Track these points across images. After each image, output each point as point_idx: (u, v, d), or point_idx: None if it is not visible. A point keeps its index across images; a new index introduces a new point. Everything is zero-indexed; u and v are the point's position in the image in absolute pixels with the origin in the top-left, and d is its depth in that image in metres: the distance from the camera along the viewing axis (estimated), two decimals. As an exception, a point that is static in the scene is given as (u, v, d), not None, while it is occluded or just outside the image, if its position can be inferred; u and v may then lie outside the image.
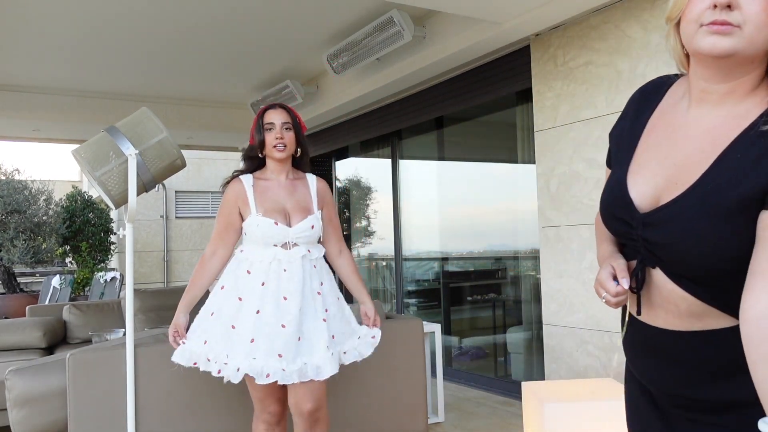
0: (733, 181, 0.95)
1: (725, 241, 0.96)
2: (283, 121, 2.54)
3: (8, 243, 7.13)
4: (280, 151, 2.52)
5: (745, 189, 0.94)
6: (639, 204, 1.07)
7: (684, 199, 1.00)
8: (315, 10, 4.42)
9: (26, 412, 2.74)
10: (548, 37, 4.04)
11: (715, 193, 0.96)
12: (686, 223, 0.99)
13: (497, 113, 5.21)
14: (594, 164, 3.75)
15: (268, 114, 2.57)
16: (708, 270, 1.00)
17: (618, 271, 1.11)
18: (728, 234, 0.95)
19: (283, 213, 2.51)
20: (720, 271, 0.99)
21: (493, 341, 5.46)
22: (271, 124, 2.54)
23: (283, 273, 2.44)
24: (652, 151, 1.09)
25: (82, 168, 2.84)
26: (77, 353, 2.82)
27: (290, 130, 2.55)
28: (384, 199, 6.50)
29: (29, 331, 4.56)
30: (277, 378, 2.37)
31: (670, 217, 1.01)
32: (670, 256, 1.03)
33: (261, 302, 2.42)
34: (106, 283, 7.32)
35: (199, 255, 10.88)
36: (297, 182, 2.61)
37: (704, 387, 1.07)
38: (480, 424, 4.08)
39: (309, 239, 2.52)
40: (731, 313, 1.02)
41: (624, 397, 1.29)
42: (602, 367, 3.70)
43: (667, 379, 1.12)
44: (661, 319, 1.09)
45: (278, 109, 2.59)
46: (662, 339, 1.10)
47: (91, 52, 5.13)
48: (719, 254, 0.97)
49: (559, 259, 3.98)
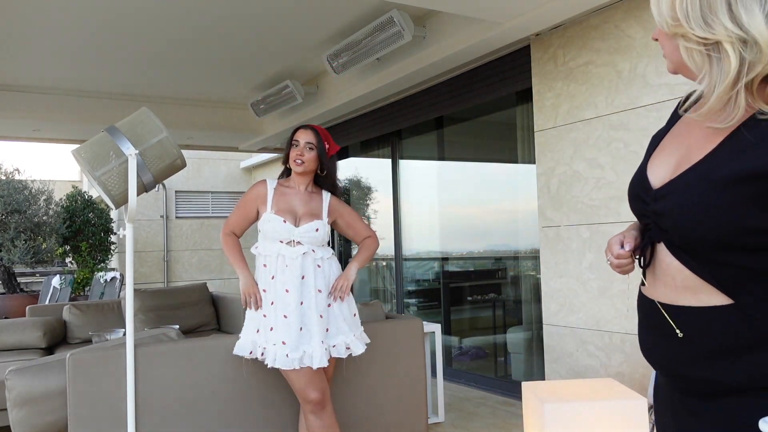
0: (727, 159, 1.06)
1: (714, 211, 1.06)
2: (307, 141, 2.85)
3: (8, 243, 7.13)
4: (298, 165, 2.84)
5: (735, 166, 1.04)
6: (653, 183, 1.21)
7: (687, 174, 1.12)
8: (315, 10, 4.42)
9: (26, 412, 2.74)
10: (548, 37, 4.04)
11: (712, 169, 1.08)
12: (684, 193, 1.11)
13: (497, 113, 5.21)
14: (594, 164, 3.75)
15: (299, 132, 2.90)
16: (700, 240, 1.09)
17: (626, 238, 1.28)
18: (715, 204, 1.06)
19: (293, 215, 2.82)
20: (711, 244, 1.08)
21: (493, 341, 5.46)
22: (296, 141, 2.86)
23: (285, 268, 2.75)
24: (672, 141, 1.24)
25: (82, 168, 2.84)
26: (77, 353, 2.82)
27: (312, 150, 2.86)
28: (384, 199, 6.50)
29: (29, 331, 4.57)
30: (279, 364, 2.67)
31: (674, 189, 1.13)
32: (670, 226, 1.14)
33: (274, 294, 2.74)
34: (106, 283, 7.32)
35: (199, 255, 10.88)
36: (314, 195, 2.94)
37: (699, 365, 1.12)
38: (480, 424, 4.08)
39: (312, 240, 2.81)
40: (725, 291, 1.09)
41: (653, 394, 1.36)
42: (602, 367, 3.70)
43: (665, 356, 1.19)
44: (660, 293, 1.20)
45: (307, 130, 2.90)
46: (659, 312, 1.19)
47: (91, 52, 5.13)
48: (708, 224, 1.07)
49: (559, 259, 3.98)
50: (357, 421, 3.41)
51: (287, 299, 2.72)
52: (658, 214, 1.16)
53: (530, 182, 4.42)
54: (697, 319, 1.12)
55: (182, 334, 3.33)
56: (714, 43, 1.04)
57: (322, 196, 2.95)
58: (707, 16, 1.03)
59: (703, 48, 1.06)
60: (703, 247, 1.10)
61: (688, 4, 1.05)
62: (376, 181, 6.91)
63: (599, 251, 3.72)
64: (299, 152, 2.83)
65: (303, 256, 2.76)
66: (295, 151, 2.84)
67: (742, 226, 1.04)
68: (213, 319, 5.35)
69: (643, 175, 1.24)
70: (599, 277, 3.72)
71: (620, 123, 3.59)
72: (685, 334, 1.14)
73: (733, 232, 1.05)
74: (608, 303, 3.66)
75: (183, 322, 4.94)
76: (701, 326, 1.11)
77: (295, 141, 2.86)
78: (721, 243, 1.07)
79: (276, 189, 2.88)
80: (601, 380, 2.87)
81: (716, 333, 1.09)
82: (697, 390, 1.14)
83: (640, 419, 2.52)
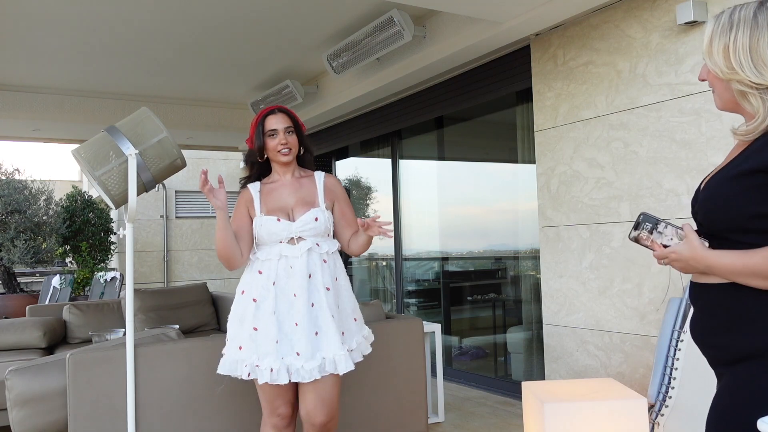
0: (741, 162, 1.35)
1: (726, 199, 1.34)
2: (285, 126, 2.57)
3: (8, 243, 7.13)
4: (285, 155, 2.56)
5: (748, 165, 1.32)
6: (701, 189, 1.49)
7: (717, 174, 1.41)
8: (315, 11, 4.42)
9: (26, 412, 2.74)
10: (548, 37, 4.04)
11: (729, 170, 1.37)
12: (712, 187, 1.40)
13: (497, 113, 5.21)
14: (594, 164, 3.75)
15: (270, 120, 2.59)
16: (717, 224, 1.37)
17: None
18: (727, 194, 1.34)
19: (285, 210, 2.53)
20: (725, 226, 1.35)
21: (493, 341, 5.46)
22: (273, 131, 2.56)
23: (290, 270, 2.46)
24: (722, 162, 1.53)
25: (82, 168, 2.84)
26: (77, 353, 2.82)
27: (292, 134, 2.58)
28: (384, 199, 6.50)
29: (29, 330, 4.56)
30: (300, 378, 2.38)
31: (707, 187, 1.43)
32: (701, 218, 1.42)
33: (275, 302, 2.44)
34: (106, 282, 7.32)
35: (199, 254, 10.88)
36: (303, 180, 2.62)
37: (720, 335, 1.38)
38: (480, 424, 4.08)
39: (315, 231, 2.51)
40: None
41: None
42: (602, 367, 3.70)
43: (698, 327, 1.46)
44: (697, 275, 1.45)
45: (278, 115, 2.60)
46: (698, 291, 1.45)
47: (91, 52, 5.13)
48: (723, 209, 1.35)
49: (559, 259, 3.98)
50: (357, 421, 3.41)
51: (297, 304, 2.43)
52: (696, 212, 1.45)
53: (530, 182, 4.42)
54: (718, 293, 1.38)
55: (182, 334, 3.32)
56: (766, 87, 1.32)
57: (314, 178, 2.64)
58: (759, 66, 1.31)
59: (756, 91, 1.33)
60: (720, 230, 1.37)
61: (741, 56, 1.33)
62: (376, 181, 6.90)
63: (599, 251, 3.72)
64: (282, 141, 2.55)
65: (308, 253, 2.47)
66: (275, 140, 2.55)
67: (748, 212, 1.31)
68: (213, 319, 5.35)
69: (698, 188, 1.51)
70: (599, 277, 3.72)
71: (620, 123, 3.59)
72: (709, 305, 1.41)
73: (741, 216, 1.32)
74: (608, 303, 3.66)
75: (183, 322, 4.94)
76: (721, 298, 1.37)
77: (271, 131, 2.56)
78: (732, 226, 1.33)
79: (261, 190, 2.59)
80: (600, 380, 2.87)
81: (734, 304, 1.35)
82: (723, 358, 1.39)
83: (640, 419, 2.52)
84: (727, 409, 1.36)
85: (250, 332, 2.45)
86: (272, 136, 2.56)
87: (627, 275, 3.55)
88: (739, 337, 1.34)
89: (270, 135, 2.57)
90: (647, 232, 1.42)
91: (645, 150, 3.46)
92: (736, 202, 1.32)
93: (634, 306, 3.51)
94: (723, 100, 1.41)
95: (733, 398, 1.35)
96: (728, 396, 1.37)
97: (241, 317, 2.51)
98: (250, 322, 2.46)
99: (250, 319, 2.46)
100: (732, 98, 1.38)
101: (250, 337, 2.45)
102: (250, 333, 2.45)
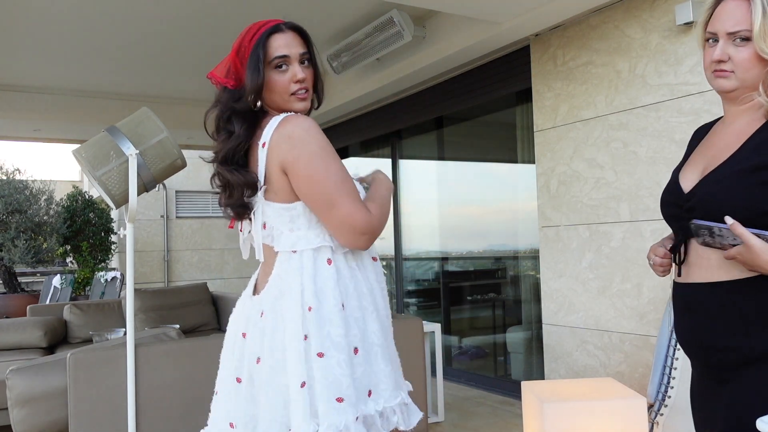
0: (747, 156, 1.36)
1: (735, 193, 1.33)
2: (301, 51, 1.63)
3: (9, 243, 7.13)
4: (302, 98, 1.64)
5: (753, 160, 1.33)
6: (685, 189, 1.46)
7: (716, 171, 1.39)
8: (315, 10, 4.42)
9: (27, 412, 2.74)
10: (548, 37, 4.05)
11: (734, 164, 1.37)
12: (714, 185, 1.38)
13: (497, 113, 5.21)
14: (594, 164, 3.75)
15: (276, 40, 1.61)
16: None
17: (665, 241, 1.56)
18: (736, 189, 1.33)
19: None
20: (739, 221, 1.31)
21: (493, 341, 5.46)
22: (284, 58, 1.60)
23: (373, 264, 1.86)
24: (696, 157, 1.52)
25: (82, 168, 2.84)
26: (78, 353, 2.82)
27: (309, 66, 1.66)
28: (384, 199, 6.49)
29: (30, 330, 4.57)
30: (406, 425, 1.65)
31: (704, 184, 1.40)
32: (702, 212, 1.38)
33: (352, 312, 1.70)
34: (107, 282, 7.32)
35: (199, 254, 10.89)
36: None
37: (733, 336, 1.35)
38: (480, 424, 4.08)
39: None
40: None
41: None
42: (602, 367, 3.70)
43: (701, 332, 1.41)
44: (695, 275, 1.42)
45: (288, 33, 1.64)
46: (695, 292, 1.42)
47: (91, 52, 5.13)
48: (731, 204, 1.33)
49: (559, 259, 3.99)
50: (357, 421, 3.41)
51: (381, 313, 1.66)
52: (691, 209, 1.42)
53: (530, 182, 4.43)
54: (731, 292, 1.36)
55: (182, 334, 3.33)
56: None
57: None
58: None
59: None
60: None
61: None
62: (376, 180, 6.89)
63: (599, 251, 3.72)
64: (298, 75, 1.60)
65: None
66: (288, 75, 1.60)
67: (756, 206, 1.31)
68: (213, 319, 5.36)
69: (676, 185, 1.50)
70: (599, 277, 3.72)
71: (619, 123, 3.60)
72: (721, 305, 1.37)
73: (750, 210, 1.31)
74: (608, 303, 3.67)
75: (183, 321, 4.94)
76: (735, 296, 1.35)
77: (281, 58, 1.59)
78: (742, 219, 1.30)
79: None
80: (600, 380, 2.88)
81: (748, 301, 1.33)
82: (733, 361, 1.35)
83: (640, 418, 2.53)
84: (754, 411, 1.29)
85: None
86: (280, 67, 1.60)
87: (626, 275, 3.56)
88: (754, 338, 1.32)
89: (278, 65, 1.60)
90: (709, 238, 1.36)
91: (644, 150, 3.46)
92: (748, 197, 1.31)
93: (634, 306, 3.52)
94: (746, 83, 1.39)
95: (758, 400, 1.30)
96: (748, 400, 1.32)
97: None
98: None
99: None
100: (757, 81, 1.37)
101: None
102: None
